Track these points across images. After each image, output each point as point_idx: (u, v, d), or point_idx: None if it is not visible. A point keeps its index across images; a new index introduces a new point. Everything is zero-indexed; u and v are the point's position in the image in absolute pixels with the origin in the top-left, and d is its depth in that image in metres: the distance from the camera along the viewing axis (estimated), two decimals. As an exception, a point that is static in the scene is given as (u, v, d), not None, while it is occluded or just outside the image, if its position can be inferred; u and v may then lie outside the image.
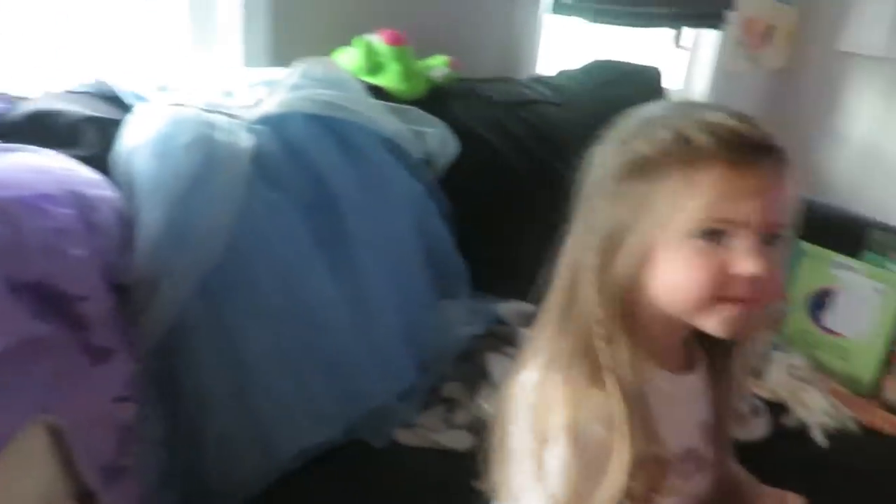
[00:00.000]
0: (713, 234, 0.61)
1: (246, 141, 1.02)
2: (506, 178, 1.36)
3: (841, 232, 1.49)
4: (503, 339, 1.27)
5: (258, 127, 1.06)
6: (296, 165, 1.06)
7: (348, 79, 1.19)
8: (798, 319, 1.45)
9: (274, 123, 1.07)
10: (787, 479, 1.12)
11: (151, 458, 0.94)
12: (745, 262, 0.61)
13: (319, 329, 1.07)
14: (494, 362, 1.21)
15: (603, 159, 0.66)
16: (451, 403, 1.18)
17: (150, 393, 0.95)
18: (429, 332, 1.23)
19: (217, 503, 0.97)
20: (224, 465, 0.99)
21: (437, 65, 1.38)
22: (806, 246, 1.46)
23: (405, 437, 1.12)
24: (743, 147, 0.61)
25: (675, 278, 0.63)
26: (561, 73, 1.68)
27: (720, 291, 0.62)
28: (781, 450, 1.20)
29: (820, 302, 1.44)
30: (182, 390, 0.97)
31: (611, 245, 0.64)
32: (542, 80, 1.63)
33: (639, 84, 1.66)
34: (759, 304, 0.63)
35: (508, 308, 1.31)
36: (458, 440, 1.10)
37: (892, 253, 1.42)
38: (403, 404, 1.15)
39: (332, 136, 1.10)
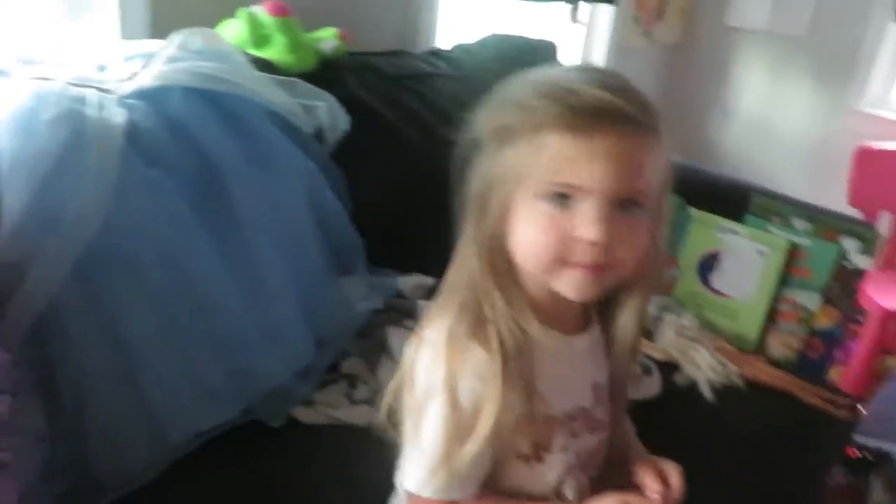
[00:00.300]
0: (559, 198, 0.63)
1: (119, 116, 0.97)
2: (401, 151, 1.35)
3: (726, 198, 1.55)
4: (403, 312, 1.26)
5: (133, 101, 1.01)
6: (176, 141, 1.02)
7: (230, 51, 1.15)
8: (688, 282, 1.51)
9: (150, 98, 1.02)
10: (678, 434, 1.18)
11: (31, 452, 0.90)
12: (585, 228, 0.62)
13: (209, 309, 1.04)
14: (394, 336, 1.21)
15: (478, 125, 0.68)
16: (351, 379, 1.17)
17: (25, 383, 0.91)
18: (327, 309, 1.21)
19: (106, 495, 0.94)
20: (112, 454, 0.95)
21: (327, 37, 1.35)
22: (694, 212, 1.52)
23: (305, 415, 1.11)
24: (585, 113, 0.61)
25: (525, 239, 0.65)
26: (457, 47, 1.68)
27: (565, 255, 0.63)
28: (672, 407, 1.25)
29: (708, 265, 1.50)
30: (61, 379, 0.93)
31: (480, 205, 0.67)
32: (438, 54, 1.63)
33: (535, 58, 1.67)
34: (607, 270, 0.64)
35: (407, 281, 1.31)
36: (358, 415, 1.09)
37: (773, 216, 1.49)
38: (301, 382, 1.14)
39: (214, 110, 1.06)
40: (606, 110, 0.61)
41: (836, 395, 1.35)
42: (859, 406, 1.45)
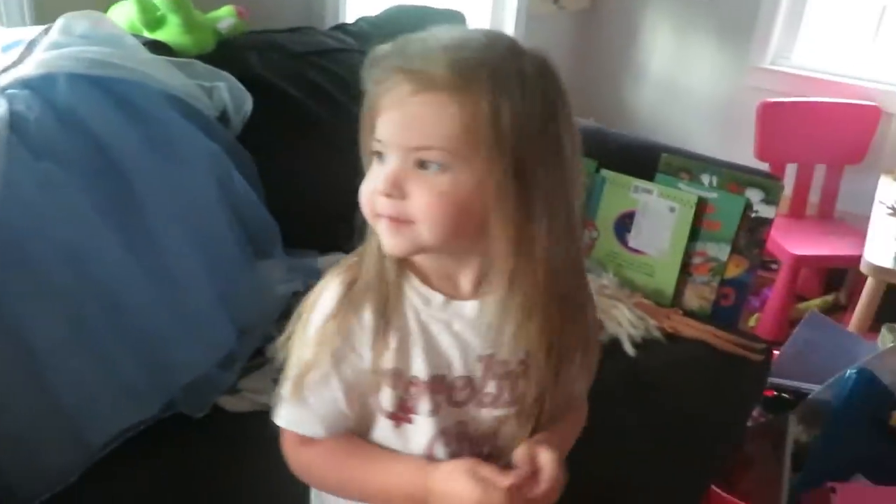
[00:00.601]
0: (378, 156, 0.65)
1: (1, 108, 0.92)
2: (311, 129, 1.32)
3: (637, 158, 1.59)
4: (324, 293, 1.25)
5: (16, 91, 0.96)
6: (67, 131, 0.97)
7: (119, 34, 1.10)
8: (605, 242, 1.55)
9: (34, 87, 0.97)
10: (604, 389, 1.21)
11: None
12: (377, 181, 0.65)
13: (120, 305, 1.00)
14: (317, 317, 1.20)
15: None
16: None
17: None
18: (246, 295, 1.19)
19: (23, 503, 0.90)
20: (26, 462, 0.92)
21: (224, 15, 1.31)
22: (607, 173, 1.55)
23: (230, 403, 1.10)
24: (389, 70, 0.63)
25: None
26: (361, 20, 1.65)
27: (376, 208, 0.66)
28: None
29: (624, 225, 1.54)
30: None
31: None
32: (343, 28, 1.60)
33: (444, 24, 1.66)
34: (406, 224, 0.65)
35: (327, 261, 1.29)
36: (285, 399, 1.08)
37: (682, 173, 1.53)
38: (224, 371, 1.12)
39: (106, 97, 1.02)
40: (403, 67, 0.62)
41: (751, 341, 1.41)
42: (773, 350, 1.52)
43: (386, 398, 0.71)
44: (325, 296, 0.71)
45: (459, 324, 0.71)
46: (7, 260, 0.89)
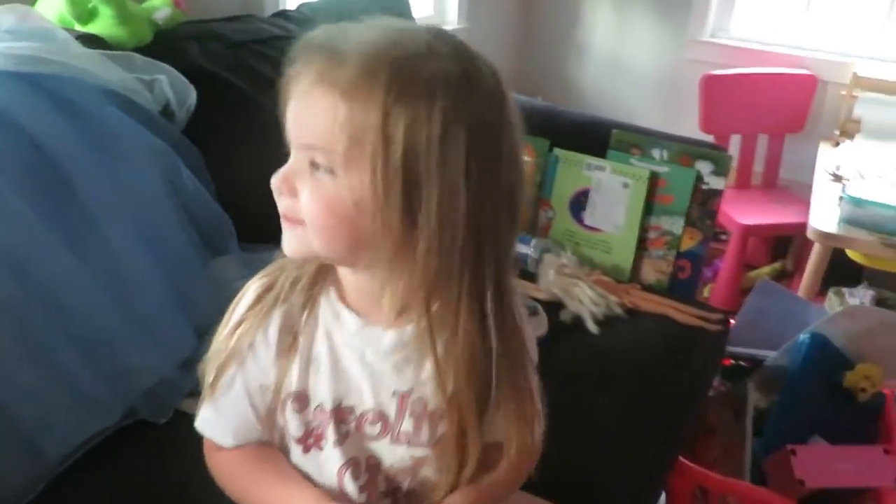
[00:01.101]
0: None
1: (-74, 111, 0.86)
2: (257, 118, 1.28)
3: (589, 135, 1.59)
4: (283, 287, 1.22)
5: (-59, 93, 0.91)
6: (-1, 132, 0.92)
7: (50, 27, 1.05)
8: (562, 221, 1.55)
9: (-39, 87, 0.92)
10: (569, 368, 1.22)
11: None
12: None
13: (68, 310, 0.96)
14: (277, 312, 1.17)
15: None
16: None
17: None
18: (203, 294, 1.15)
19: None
20: (-23, 480, 0.87)
21: (159, 5, 1.26)
22: (560, 152, 1.55)
23: (192, 406, 1.03)
24: (297, 56, 0.59)
25: None
26: (303, 6, 1.61)
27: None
28: (560, 343, 1.29)
29: (579, 203, 1.55)
30: None
31: None
32: (284, 15, 1.55)
33: (387, 10, 1.63)
34: (299, 224, 0.61)
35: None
36: (248, 399, 1.05)
37: (633, 149, 1.54)
38: (185, 374, 1.08)
39: (39, 94, 0.96)
40: (311, 57, 0.58)
41: (709, 312, 1.44)
42: (730, 319, 1.55)
43: (292, 423, 0.68)
44: (242, 302, 0.69)
45: (373, 354, 0.67)
46: (-58, 271, 0.84)
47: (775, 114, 2.42)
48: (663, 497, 1.37)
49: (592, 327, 1.32)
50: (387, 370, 0.67)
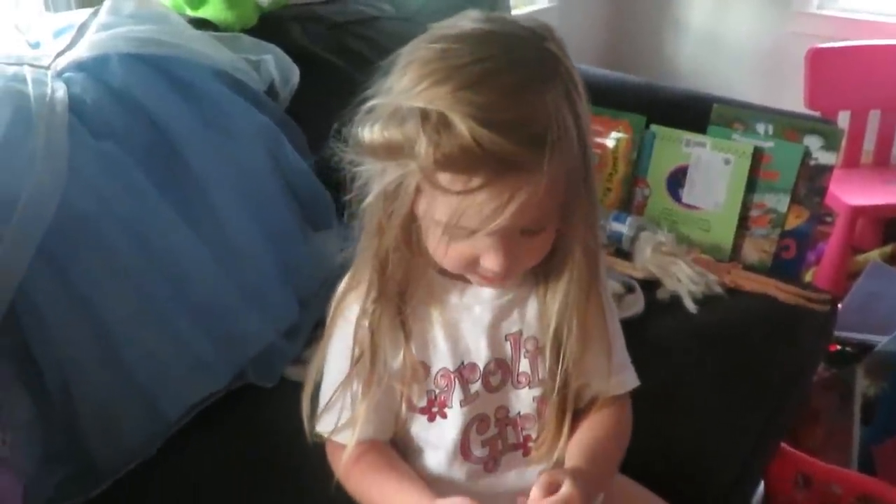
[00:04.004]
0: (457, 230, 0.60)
1: (60, 91, 0.93)
2: (356, 96, 1.31)
3: (688, 111, 1.55)
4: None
5: (71, 74, 0.97)
6: (123, 110, 0.98)
7: (165, 12, 1.10)
8: (659, 199, 1.52)
9: (89, 69, 0.98)
10: (667, 347, 1.20)
11: (26, 445, 0.89)
12: (487, 259, 0.62)
13: (184, 278, 1.02)
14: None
15: (357, 137, 0.64)
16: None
17: (7, 375, 0.89)
18: (305, 267, 1.19)
19: (105, 478, 0.93)
20: (107, 437, 0.95)
21: (264, -12, 1.30)
22: (657, 129, 1.51)
23: (296, 373, 1.10)
24: (458, 157, 0.55)
25: (433, 246, 0.64)
26: (397, -14, 1.63)
27: (472, 268, 0.64)
28: (658, 322, 1.26)
29: (677, 180, 1.51)
30: (44, 367, 0.91)
31: (387, 197, 0.63)
32: (381, -3, 1.58)
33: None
34: (513, 274, 0.66)
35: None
36: (348, 367, 1.09)
37: (735, 124, 1.49)
38: (289, 342, 1.13)
39: (158, 75, 1.02)
40: (480, 156, 0.55)
41: (815, 293, 1.38)
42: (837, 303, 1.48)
43: (416, 394, 0.70)
44: (346, 303, 0.70)
45: (480, 307, 0.71)
46: (75, 240, 0.91)
47: (889, 88, 2.27)
48: (761, 485, 1.33)
49: (691, 306, 1.29)
50: (496, 317, 0.71)
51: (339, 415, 0.70)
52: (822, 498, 1.31)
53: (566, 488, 0.61)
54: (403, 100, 0.58)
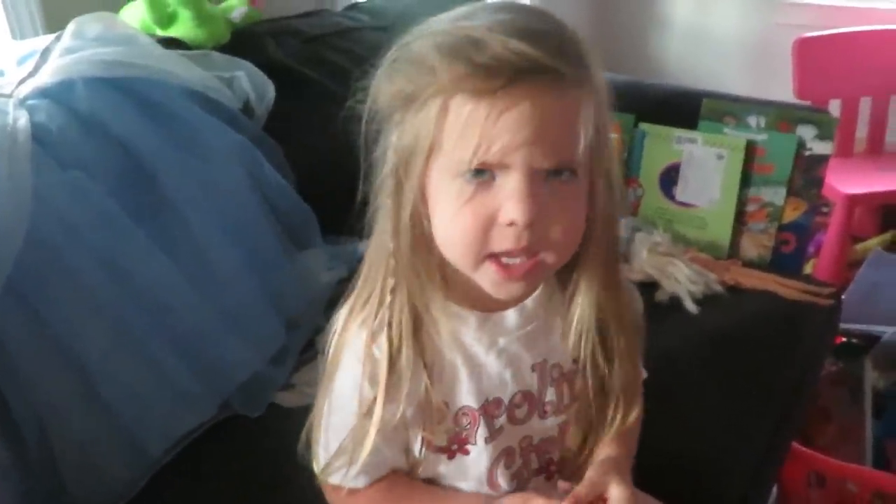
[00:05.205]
0: (476, 175, 0.54)
1: (22, 119, 0.89)
2: (334, 110, 1.28)
3: (677, 108, 1.52)
4: (369, 278, 1.22)
5: (35, 102, 0.94)
6: (90, 136, 0.95)
7: (132, 33, 1.07)
8: (652, 198, 1.48)
9: (53, 95, 0.95)
10: (669, 350, 1.16)
11: (2, 490, 0.85)
12: (509, 207, 0.53)
13: (163, 309, 0.98)
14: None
15: (376, 90, 0.58)
16: (328, 354, 1.13)
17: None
18: (289, 287, 1.16)
19: (89, 519, 0.89)
20: (88, 477, 0.91)
21: (236, 4, 1.27)
22: (647, 127, 1.48)
23: (285, 399, 1.07)
24: (494, 70, 0.51)
25: (442, 224, 0.57)
26: (376, -4, 1.61)
27: (489, 243, 0.55)
28: (658, 324, 1.22)
29: (669, 178, 1.47)
30: (17, 408, 0.87)
31: (396, 182, 0.58)
32: (358, 7, 1.55)
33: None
34: (540, 261, 0.56)
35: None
36: (340, 391, 1.05)
37: (726, 117, 1.46)
38: (277, 367, 1.10)
39: (126, 98, 0.99)
40: (519, 65, 0.50)
41: (817, 286, 1.34)
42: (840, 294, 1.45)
43: (437, 435, 0.65)
44: (350, 352, 0.63)
45: (504, 339, 0.65)
46: (44, 274, 0.87)
47: (880, 74, 2.25)
48: (775, 487, 1.29)
49: (691, 307, 1.25)
50: (521, 348, 0.65)
51: (349, 462, 0.64)
52: (837, 496, 1.27)
53: (618, 492, 0.61)
54: (421, 45, 0.55)
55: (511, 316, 0.65)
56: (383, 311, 0.62)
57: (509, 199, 0.53)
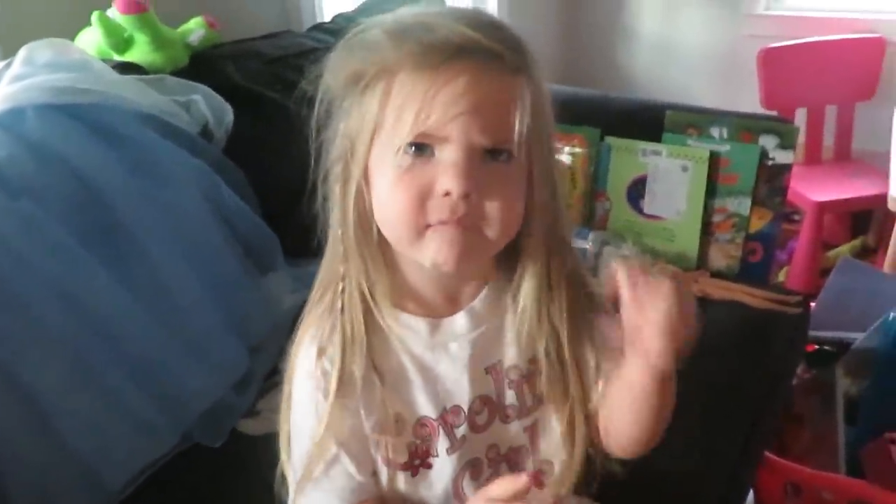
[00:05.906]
0: (417, 150, 0.55)
1: (-31, 149, 0.87)
2: (296, 131, 1.27)
3: (641, 121, 1.52)
4: (335, 299, 1.20)
5: (-18, 131, 0.92)
6: (40, 164, 0.93)
7: (84, 58, 1.05)
8: (620, 211, 1.48)
9: (2, 123, 0.93)
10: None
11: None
12: (445, 178, 0.55)
13: (119, 338, 0.96)
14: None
15: (328, 73, 0.60)
16: (293, 380, 1.11)
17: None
18: (253, 312, 1.14)
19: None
20: (46, 515, 0.88)
21: (194, 28, 1.26)
22: (612, 140, 1.48)
23: (249, 426, 1.05)
24: (438, 49, 0.54)
25: (380, 199, 0.58)
26: (338, 17, 1.60)
27: (427, 214, 0.56)
28: (627, 338, 1.22)
29: (636, 191, 1.48)
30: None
31: (343, 168, 0.60)
32: (320, 28, 1.54)
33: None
34: (475, 230, 0.57)
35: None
36: (306, 416, 1.03)
37: (689, 129, 1.46)
38: (240, 395, 1.08)
39: (78, 124, 0.97)
40: (462, 45, 0.54)
41: (785, 294, 1.34)
42: (810, 302, 1.45)
43: (394, 449, 0.64)
44: (301, 368, 0.64)
45: (456, 344, 0.64)
46: (-3, 307, 0.85)
47: (843, 82, 2.29)
48: (751, 496, 1.28)
49: (660, 319, 1.24)
50: (474, 351, 0.65)
51: (317, 489, 0.64)
52: (813, 506, 1.27)
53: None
54: (373, 30, 0.58)
55: (460, 320, 0.65)
56: (335, 315, 0.62)
57: (446, 171, 0.55)
